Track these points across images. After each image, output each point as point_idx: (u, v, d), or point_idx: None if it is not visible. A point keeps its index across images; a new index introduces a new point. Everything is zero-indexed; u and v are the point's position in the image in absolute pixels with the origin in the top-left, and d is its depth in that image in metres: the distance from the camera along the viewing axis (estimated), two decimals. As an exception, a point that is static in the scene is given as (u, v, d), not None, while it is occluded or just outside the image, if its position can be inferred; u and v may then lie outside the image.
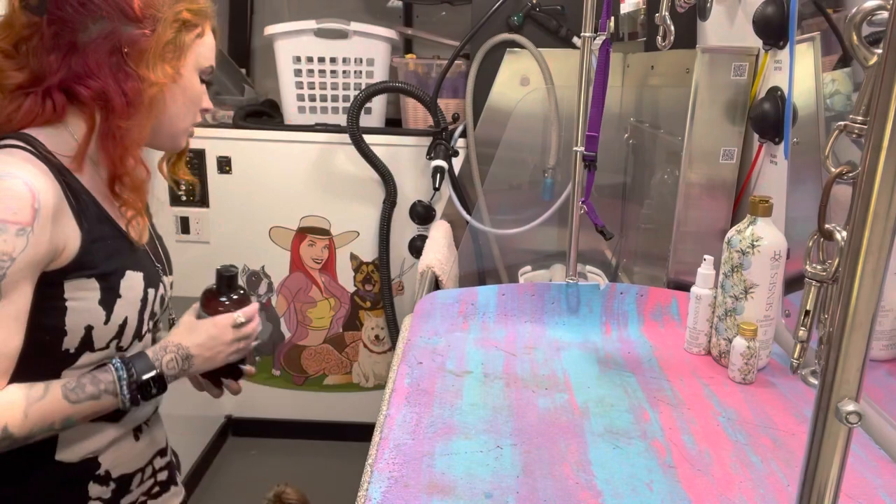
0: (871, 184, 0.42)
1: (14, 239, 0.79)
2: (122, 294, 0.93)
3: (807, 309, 0.50)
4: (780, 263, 1.11)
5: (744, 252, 1.11)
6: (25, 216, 0.80)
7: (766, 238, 1.10)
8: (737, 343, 1.11)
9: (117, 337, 0.94)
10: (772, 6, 1.24)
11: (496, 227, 2.10)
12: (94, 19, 0.88)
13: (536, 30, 2.07)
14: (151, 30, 0.91)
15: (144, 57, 0.90)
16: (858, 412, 0.46)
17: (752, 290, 1.12)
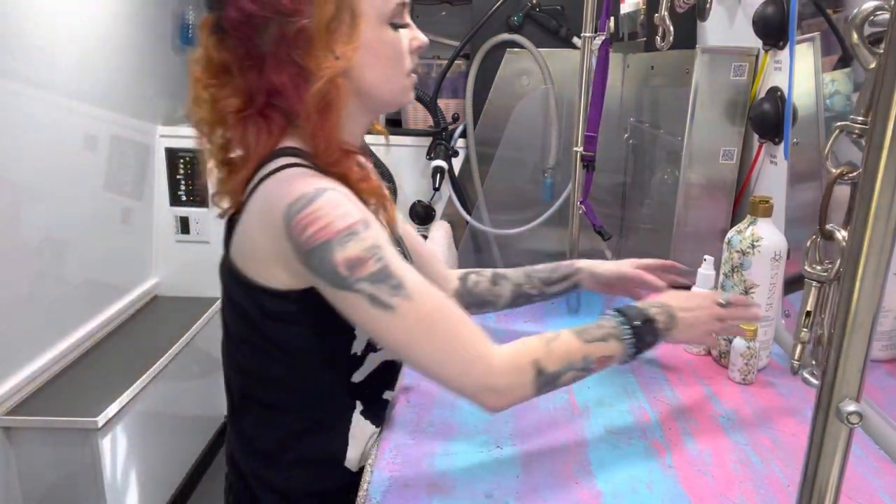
0: (871, 184, 0.42)
1: (367, 233, 0.79)
2: None
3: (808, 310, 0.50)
4: (780, 264, 1.11)
5: (744, 252, 1.10)
6: (357, 213, 0.80)
7: (767, 238, 1.09)
8: (737, 344, 1.11)
9: None
10: (772, 6, 1.24)
11: (496, 227, 2.10)
12: (263, 28, 0.82)
13: (536, 30, 2.07)
14: (310, 14, 0.81)
15: (313, 48, 0.82)
16: (859, 412, 0.46)
17: (753, 291, 1.11)
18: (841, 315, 0.45)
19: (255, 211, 0.83)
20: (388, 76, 0.89)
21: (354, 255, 0.78)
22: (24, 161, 1.69)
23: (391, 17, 0.87)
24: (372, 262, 0.78)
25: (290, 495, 0.95)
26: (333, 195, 0.79)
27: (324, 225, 0.77)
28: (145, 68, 2.26)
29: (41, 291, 1.78)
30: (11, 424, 1.64)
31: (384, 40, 0.87)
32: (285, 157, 0.84)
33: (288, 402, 0.92)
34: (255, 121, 0.86)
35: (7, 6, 1.61)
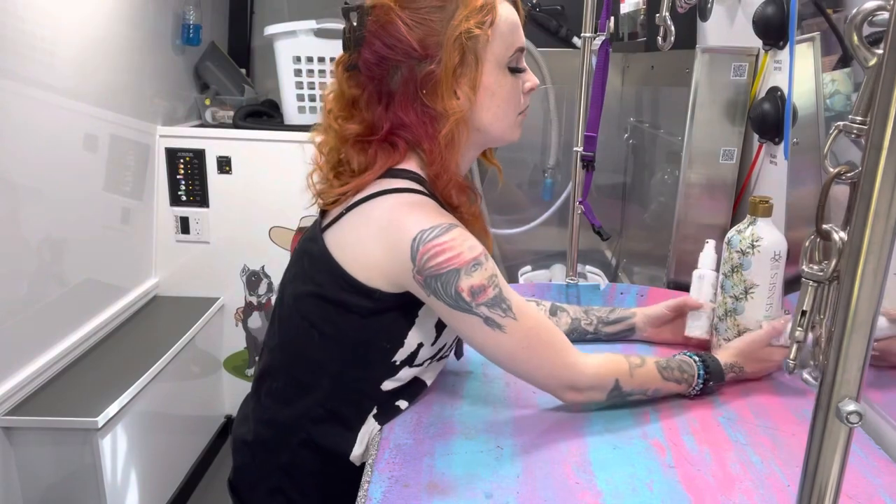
0: (871, 183, 0.42)
1: (488, 263, 0.90)
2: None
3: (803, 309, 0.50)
4: (780, 264, 1.10)
5: (744, 252, 1.10)
6: (480, 246, 0.91)
7: (767, 238, 1.09)
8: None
9: (432, 358, 1.01)
10: (772, 6, 1.24)
11: (496, 227, 2.10)
12: (394, 70, 0.91)
13: (536, 30, 2.07)
14: (438, 60, 0.90)
15: (439, 91, 0.90)
16: (859, 412, 0.46)
17: (753, 291, 1.11)
18: (841, 315, 0.45)
19: (375, 220, 0.91)
20: (502, 116, 0.98)
21: (478, 284, 0.89)
22: (24, 161, 1.69)
23: (509, 63, 0.95)
24: (491, 290, 0.90)
25: (294, 473, 1.00)
26: (461, 231, 0.90)
27: (454, 255, 0.88)
28: (145, 68, 2.26)
29: (41, 291, 1.78)
30: (11, 424, 1.64)
31: (502, 84, 0.96)
32: (408, 181, 0.94)
33: (317, 386, 0.97)
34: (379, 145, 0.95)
35: (7, 6, 1.61)
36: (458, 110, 0.91)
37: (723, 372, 1.06)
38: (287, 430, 0.99)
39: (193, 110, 2.57)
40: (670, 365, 1.03)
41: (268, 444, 1.01)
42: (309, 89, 2.25)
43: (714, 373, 1.05)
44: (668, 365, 1.03)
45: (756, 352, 1.08)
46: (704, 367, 1.05)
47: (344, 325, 0.94)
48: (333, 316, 0.94)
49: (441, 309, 0.91)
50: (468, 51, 0.90)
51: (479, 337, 0.93)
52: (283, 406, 0.99)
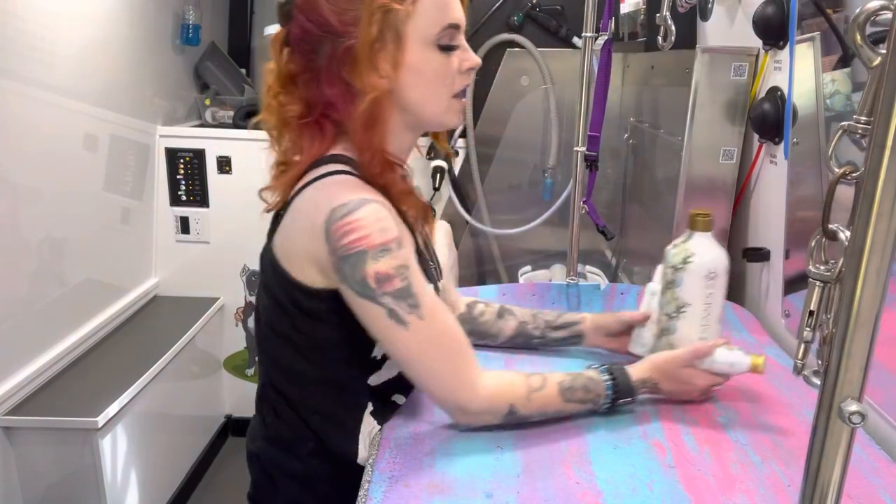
0: (874, 183, 0.42)
1: (399, 251, 0.85)
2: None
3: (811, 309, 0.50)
4: (716, 283, 1.01)
5: (676, 268, 1.01)
6: (395, 230, 0.85)
7: (700, 255, 1.00)
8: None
9: None
10: (772, 6, 1.24)
11: (496, 227, 2.10)
12: (319, 45, 0.89)
13: (536, 30, 2.07)
14: (356, 36, 0.86)
15: (358, 67, 0.86)
16: (861, 412, 0.46)
17: (684, 310, 1.02)
18: (843, 315, 0.44)
19: (300, 211, 0.88)
20: (431, 96, 0.92)
21: (384, 271, 0.84)
22: (24, 161, 1.69)
23: (438, 40, 0.89)
24: (398, 280, 0.85)
25: (309, 483, 0.99)
26: (376, 208, 0.85)
27: (363, 235, 0.83)
28: (145, 68, 2.26)
29: (41, 291, 1.78)
30: (11, 424, 1.64)
31: (429, 62, 0.90)
32: (335, 164, 0.90)
33: (307, 396, 0.96)
34: (310, 127, 0.92)
35: (7, 6, 1.61)
36: (375, 87, 0.86)
37: (633, 388, 0.99)
38: (293, 444, 0.98)
39: (193, 110, 2.57)
40: (574, 385, 0.97)
41: (278, 459, 1.00)
42: (309, 89, 2.24)
43: (622, 390, 0.98)
44: (571, 385, 0.96)
45: (674, 371, 1.00)
46: (613, 384, 0.98)
47: (309, 331, 0.92)
48: (297, 324, 0.92)
49: (348, 295, 0.87)
50: (387, 26, 0.85)
51: (381, 329, 0.88)
52: (283, 422, 0.98)
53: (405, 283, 0.85)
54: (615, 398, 0.98)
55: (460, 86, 0.93)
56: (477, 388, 0.92)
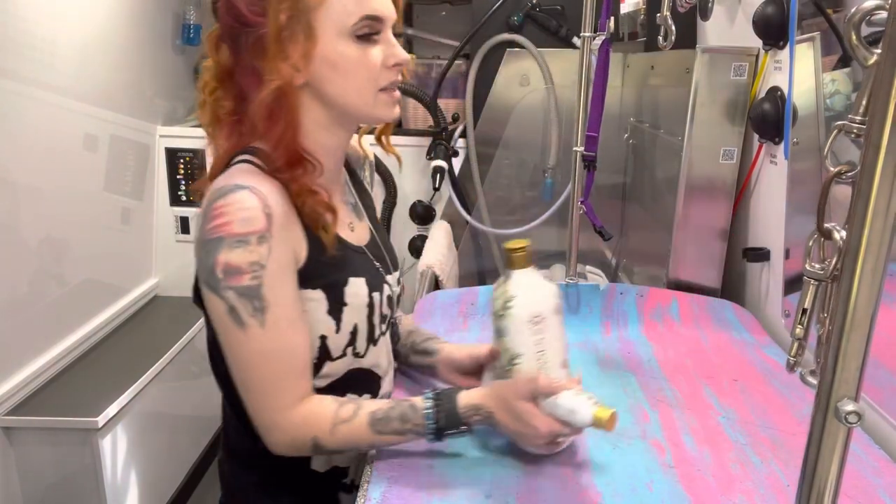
0: (870, 182, 0.42)
1: (257, 247, 0.81)
2: (348, 301, 0.91)
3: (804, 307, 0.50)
4: (545, 327, 0.87)
5: (498, 315, 0.88)
6: (260, 223, 0.81)
7: (521, 297, 0.87)
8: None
9: (351, 344, 0.93)
10: (772, 6, 1.24)
11: (496, 227, 2.10)
12: (237, 38, 0.87)
13: (536, 30, 2.07)
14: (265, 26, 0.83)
15: (267, 59, 0.83)
16: (858, 412, 0.46)
17: (517, 362, 0.88)
18: (839, 314, 0.44)
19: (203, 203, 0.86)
20: (352, 90, 0.88)
21: (235, 263, 0.80)
22: (24, 161, 1.69)
23: (354, 31, 0.85)
24: (248, 277, 0.81)
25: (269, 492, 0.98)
26: (246, 196, 0.81)
27: (224, 222, 0.80)
28: (145, 68, 2.26)
29: (41, 291, 1.78)
30: (11, 424, 1.64)
31: (345, 54, 0.85)
32: (245, 154, 0.88)
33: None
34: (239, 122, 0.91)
35: (7, 6, 1.61)
36: (279, 75, 0.83)
37: (458, 418, 0.87)
38: (248, 456, 0.96)
39: (193, 110, 2.57)
40: (389, 415, 0.88)
41: (236, 471, 1.01)
42: (309, 89, 2.24)
43: (447, 420, 0.87)
44: (386, 416, 0.88)
45: (511, 402, 0.85)
46: (434, 413, 0.87)
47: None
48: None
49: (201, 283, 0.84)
50: (296, 15, 0.82)
51: (218, 324, 0.84)
52: (236, 434, 0.97)
53: (255, 282, 0.81)
54: (438, 429, 0.87)
55: (386, 81, 0.89)
56: (284, 417, 0.86)
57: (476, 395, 0.89)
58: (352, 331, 0.93)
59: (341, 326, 0.92)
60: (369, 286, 0.94)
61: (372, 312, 0.95)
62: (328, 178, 0.93)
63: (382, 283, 0.98)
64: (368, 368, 0.98)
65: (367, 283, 0.94)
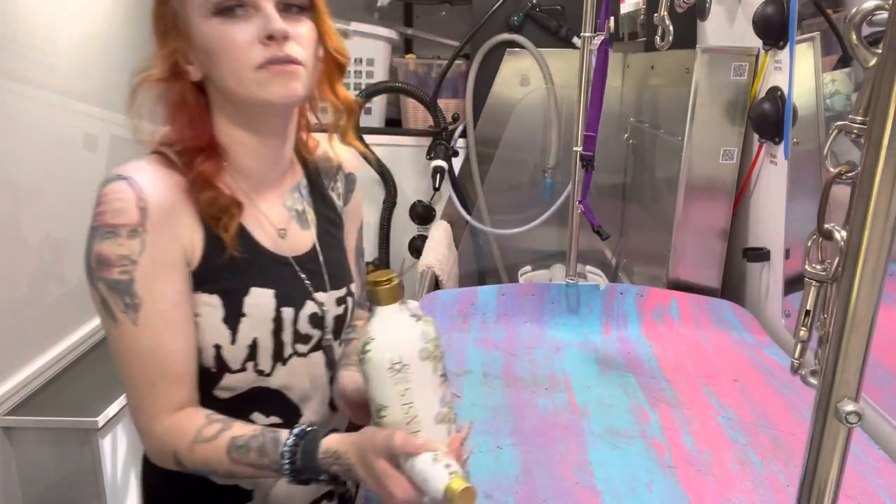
0: (870, 183, 0.42)
1: (128, 241, 0.78)
2: (247, 312, 0.85)
3: (807, 309, 0.50)
4: (409, 375, 0.72)
5: (360, 360, 0.74)
6: (132, 216, 0.78)
7: (379, 339, 0.72)
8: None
9: (251, 359, 0.86)
10: (772, 6, 1.24)
11: (496, 227, 2.10)
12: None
13: (536, 30, 2.07)
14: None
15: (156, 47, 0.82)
16: (858, 412, 0.46)
17: (383, 414, 0.73)
18: (839, 315, 0.44)
19: None
20: (227, 71, 0.81)
21: (105, 254, 0.78)
22: (24, 161, 1.69)
23: (213, 8, 0.79)
24: (117, 271, 0.78)
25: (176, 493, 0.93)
26: (121, 186, 0.78)
27: (100, 211, 0.79)
28: (145, 68, 2.26)
29: (41, 291, 1.78)
30: (11, 424, 1.64)
31: (208, 35, 0.80)
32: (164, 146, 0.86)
33: None
34: None
35: (7, 6, 1.61)
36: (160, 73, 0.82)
37: (317, 463, 0.77)
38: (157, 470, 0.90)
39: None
40: (249, 444, 0.80)
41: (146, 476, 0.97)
42: (309, 89, 2.24)
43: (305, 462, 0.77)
44: (246, 444, 0.80)
45: (368, 457, 0.73)
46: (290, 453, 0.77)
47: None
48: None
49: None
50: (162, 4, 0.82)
51: (99, 316, 0.81)
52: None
53: (125, 276, 0.78)
54: (294, 470, 0.78)
55: (263, 56, 0.79)
56: (155, 424, 0.82)
57: (340, 441, 0.77)
58: (250, 345, 0.86)
59: (237, 338, 0.85)
60: (278, 300, 0.87)
61: (280, 328, 0.87)
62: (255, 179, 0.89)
63: (304, 299, 0.90)
64: (277, 389, 0.90)
65: (275, 296, 0.87)
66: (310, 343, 0.92)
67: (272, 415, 0.91)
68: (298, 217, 0.95)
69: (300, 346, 0.91)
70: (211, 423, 0.82)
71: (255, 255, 0.87)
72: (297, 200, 0.95)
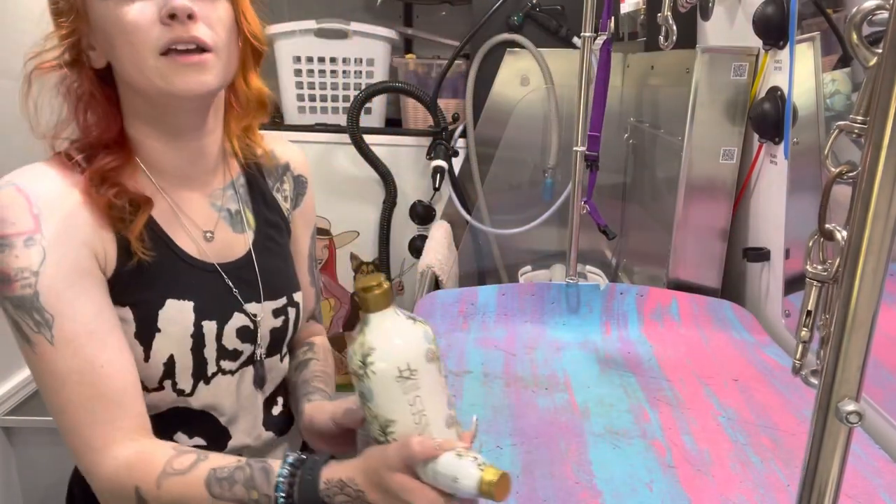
0: (871, 183, 0.42)
1: (25, 251, 0.69)
2: (161, 327, 0.77)
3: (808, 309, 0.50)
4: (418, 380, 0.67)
5: (358, 376, 0.68)
6: (25, 224, 0.70)
7: (382, 348, 0.67)
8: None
9: (168, 377, 0.79)
10: (772, 6, 1.24)
11: (496, 227, 2.10)
12: None
13: (536, 30, 2.06)
14: None
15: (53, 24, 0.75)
16: (859, 412, 0.46)
17: (391, 429, 0.68)
18: (840, 315, 0.44)
19: None
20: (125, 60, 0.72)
21: (2, 269, 0.70)
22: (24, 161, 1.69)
23: None
24: (18, 286, 0.70)
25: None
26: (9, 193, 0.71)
27: None
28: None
29: (41, 291, 1.78)
30: (11, 424, 1.64)
31: (106, 13, 0.71)
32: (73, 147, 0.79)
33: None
34: None
35: (7, 6, 1.61)
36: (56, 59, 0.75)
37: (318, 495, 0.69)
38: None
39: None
40: (233, 477, 0.71)
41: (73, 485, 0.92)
42: (309, 89, 2.25)
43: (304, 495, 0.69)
44: (230, 477, 0.71)
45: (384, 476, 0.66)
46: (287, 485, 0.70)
47: None
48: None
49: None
50: None
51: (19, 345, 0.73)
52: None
53: (29, 291, 0.70)
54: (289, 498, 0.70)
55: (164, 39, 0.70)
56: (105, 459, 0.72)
57: (345, 468, 0.70)
58: (166, 362, 0.78)
59: (151, 355, 0.77)
60: (198, 312, 0.79)
61: (200, 344, 0.79)
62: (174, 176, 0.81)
63: (231, 310, 0.82)
64: (201, 410, 0.83)
65: (195, 309, 0.79)
66: (238, 359, 0.84)
67: (196, 436, 0.84)
68: (231, 218, 0.87)
69: (226, 362, 0.83)
70: (182, 454, 0.73)
71: (172, 261, 0.79)
72: (229, 199, 0.87)
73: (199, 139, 0.81)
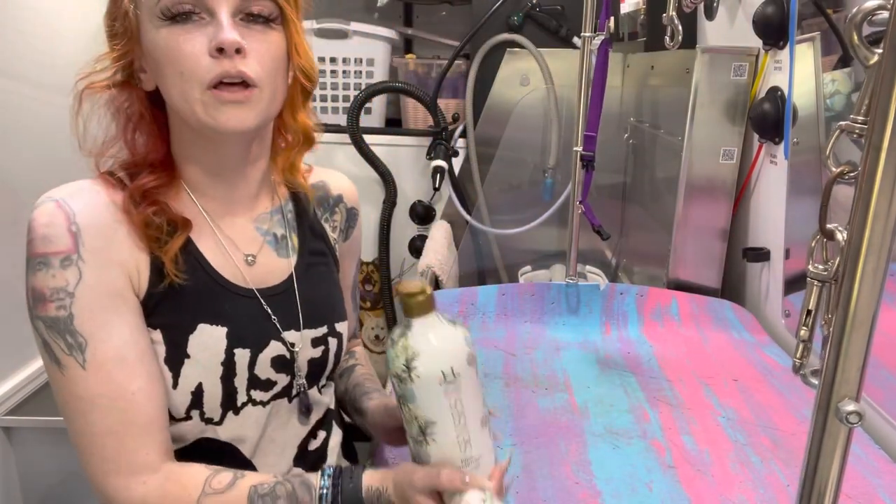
0: (871, 183, 0.42)
1: (61, 271, 0.69)
2: (191, 353, 0.75)
3: (808, 308, 0.50)
4: (459, 384, 0.69)
5: (400, 378, 0.70)
6: (63, 243, 0.69)
7: (426, 353, 0.69)
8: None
9: (196, 407, 0.76)
10: (772, 6, 1.24)
11: (496, 227, 2.10)
12: None
13: (536, 30, 2.06)
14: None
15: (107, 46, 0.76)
16: (859, 412, 0.46)
17: (431, 431, 0.71)
18: (840, 315, 0.44)
19: None
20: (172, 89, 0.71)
21: (39, 288, 0.70)
22: (24, 161, 1.69)
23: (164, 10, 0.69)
24: (53, 307, 0.69)
25: None
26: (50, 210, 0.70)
27: (30, 240, 0.71)
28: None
29: (41, 291, 1.78)
30: (11, 424, 1.64)
31: (155, 42, 0.70)
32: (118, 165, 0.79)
33: None
34: None
35: (7, 6, 1.61)
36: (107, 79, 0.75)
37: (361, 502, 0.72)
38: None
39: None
40: (276, 492, 0.71)
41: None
42: (309, 89, 2.24)
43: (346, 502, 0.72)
44: (272, 492, 0.71)
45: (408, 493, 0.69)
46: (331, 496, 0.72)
47: None
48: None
49: None
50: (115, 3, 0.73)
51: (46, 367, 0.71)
52: None
53: (63, 313, 0.69)
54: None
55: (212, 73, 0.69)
56: (132, 484, 0.71)
57: (380, 477, 0.73)
58: (194, 391, 0.75)
59: (179, 381, 0.75)
60: (231, 339, 0.76)
61: (231, 373, 0.77)
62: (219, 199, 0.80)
63: (268, 338, 0.80)
64: (227, 441, 0.79)
65: (227, 335, 0.76)
66: (271, 390, 0.81)
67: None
68: (276, 243, 0.85)
69: (257, 392, 0.79)
70: (218, 473, 0.73)
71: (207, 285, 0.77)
72: (276, 224, 0.86)
73: (241, 168, 0.81)
